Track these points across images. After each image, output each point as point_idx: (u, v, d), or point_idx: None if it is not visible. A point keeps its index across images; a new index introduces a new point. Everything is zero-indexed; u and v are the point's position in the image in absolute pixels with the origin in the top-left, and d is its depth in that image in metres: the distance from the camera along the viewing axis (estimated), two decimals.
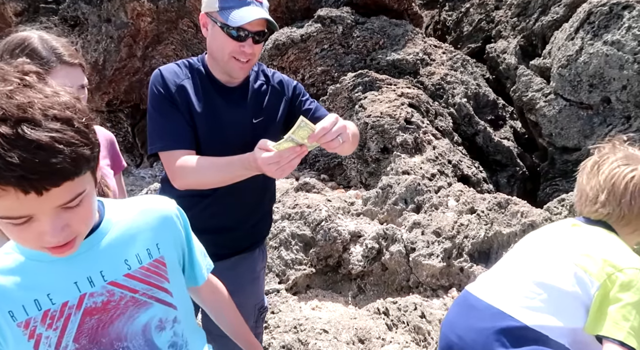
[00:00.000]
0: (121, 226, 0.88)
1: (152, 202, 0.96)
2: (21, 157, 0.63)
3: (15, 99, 0.65)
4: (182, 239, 0.97)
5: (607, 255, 1.08)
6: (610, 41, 3.35)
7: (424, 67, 4.21)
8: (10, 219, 0.68)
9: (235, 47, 1.44)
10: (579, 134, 3.53)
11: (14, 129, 0.63)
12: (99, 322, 0.82)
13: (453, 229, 2.52)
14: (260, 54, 1.53)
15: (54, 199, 0.68)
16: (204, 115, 1.53)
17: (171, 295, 0.91)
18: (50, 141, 0.64)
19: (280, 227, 2.73)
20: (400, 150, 3.32)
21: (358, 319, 2.28)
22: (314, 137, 1.24)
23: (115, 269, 0.85)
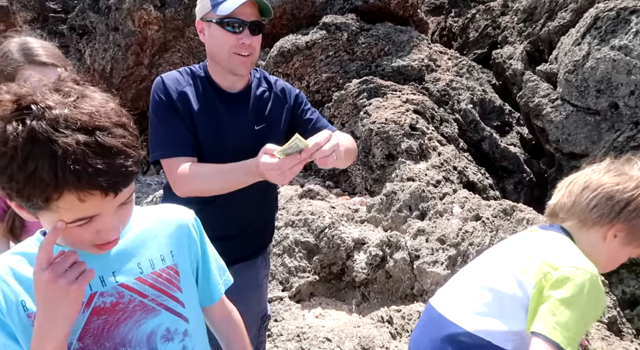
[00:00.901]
0: (138, 230, 0.90)
1: (169, 211, 0.98)
2: (105, 163, 0.69)
3: (83, 109, 0.70)
4: (197, 249, 0.97)
5: (547, 256, 1.07)
6: (618, 46, 3.31)
7: (429, 73, 4.19)
8: (82, 220, 0.73)
9: (234, 41, 1.44)
10: (587, 139, 3.49)
11: (92, 137, 0.68)
12: (105, 323, 0.83)
13: (458, 236, 2.49)
14: (260, 49, 1.53)
15: (121, 198, 0.75)
16: (205, 121, 1.53)
17: (183, 306, 0.90)
18: (122, 146, 0.71)
19: (284, 234, 2.72)
20: (405, 156, 3.30)
21: (362, 328, 2.26)
22: (307, 152, 1.25)
23: (127, 270, 0.86)
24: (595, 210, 1.11)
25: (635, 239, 1.11)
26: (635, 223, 1.10)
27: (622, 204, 1.09)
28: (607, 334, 1.95)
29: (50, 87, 0.72)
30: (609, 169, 1.15)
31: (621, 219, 1.10)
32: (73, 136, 0.67)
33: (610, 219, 1.10)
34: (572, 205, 1.15)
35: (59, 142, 0.66)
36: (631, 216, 1.09)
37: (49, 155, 0.66)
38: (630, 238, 1.11)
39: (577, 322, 0.97)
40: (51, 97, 0.70)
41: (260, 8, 1.49)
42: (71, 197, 0.69)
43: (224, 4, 1.42)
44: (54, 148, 0.66)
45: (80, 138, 0.67)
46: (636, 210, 1.09)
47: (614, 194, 1.10)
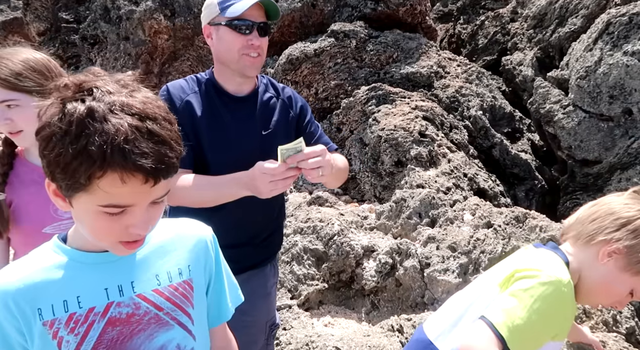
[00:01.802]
0: (158, 241, 0.90)
1: (189, 226, 0.98)
2: (152, 149, 0.71)
3: (137, 99, 0.74)
4: (212, 266, 0.97)
5: (520, 265, 1.02)
6: (631, 51, 3.27)
7: (438, 80, 4.17)
8: (115, 207, 0.74)
9: (243, 42, 1.46)
10: (600, 146, 3.43)
11: (143, 123, 0.71)
12: (120, 335, 0.82)
13: (469, 243, 2.45)
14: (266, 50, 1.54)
15: (156, 192, 0.76)
16: (211, 127, 1.53)
17: (192, 322, 0.90)
18: (168, 137, 0.74)
19: (293, 242, 2.70)
20: (415, 163, 3.27)
21: (371, 337, 2.22)
22: (293, 159, 1.27)
23: (145, 281, 0.85)
24: (593, 223, 1.05)
25: (632, 264, 1.01)
26: (632, 245, 1.01)
27: (622, 221, 1.02)
28: (625, 345, 1.89)
29: (111, 78, 0.77)
30: (628, 194, 1.10)
31: (618, 237, 1.01)
32: (126, 119, 0.70)
33: (606, 234, 1.02)
34: (575, 219, 1.11)
35: (112, 122, 0.69)
36: (630, 236, 1.01)
37: (102, 132, 0.69)
38: (626, 262, 1.01)
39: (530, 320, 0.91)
40: (111, 85, 0.75)
41: (267, 10, 1.50)
42: (114, 176, 0.70)
43: (233, 6, 1.43)
44: (108, 126, 0.69)
45: (133, 122, 0.70)
46: (636, 232, 1.01)
47: (616, 210, 1.04)
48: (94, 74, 0.77)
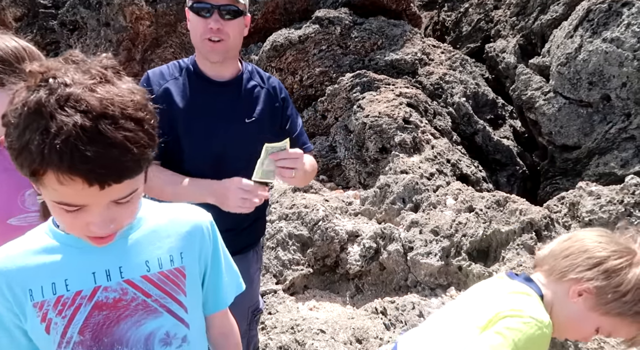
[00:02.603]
0: (150, 226, 0.88)
1: (186, 211, 0.95)
2: (96, 153, 0.65)
3: (97, 93, 0.68)
4: (208, 253, 0.94)
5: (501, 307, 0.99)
6: (610, 38, 3.33)
7: (423, 67, 4.19)
8: (67, 206, 0.71)
9: (203, 26, 1.44)
10: (579, 132, 3.50)
11: (94, 123, 0.66)
12: (106, 319, 0.82)
13: (451, 227, 2.50)
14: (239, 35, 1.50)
15: (112, 193, 0.71)
16: (190, 113, 1.51)
17: (186, 310, 0.88)
18: (123, 140, 0.67)
19: (278, 228, 2.71)
20: (399, 149, 3.30)
21: (356, 319, 2.26)
22: (276, 155, 1.36)
23: (134, 267, 0.84)
24: (566, 259, 1.03)
25: (600, 305, 1.00)
26: (602, 286, 0.99)
27: (594, 261, 1.00)
28: None
29: (79, 67, 0.72)
30: (602, 231, 1.08)
31: (589, 277, 1.00)
32: (74, 117, 0.65)
33: (578, 272, 1.01)
34: (549, 252, 1.09)
35: (57, 119, 0.65)
36: (600, 277, 0.99)
37: (44, 129, 0.65)
38: (595, 302, 1.00)
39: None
40: (73, 75, 0.70)
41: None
42: (52, 177, 0.67)
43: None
44: (50, 124, 0.65)
45: (80, 120, 0.65)
46: (607, 273, 0.99)
47: (589, 248, 1.02)
48: (65, 60, 0.73)
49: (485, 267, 2.37)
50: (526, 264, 2.23)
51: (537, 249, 2.34)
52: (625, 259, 1.00)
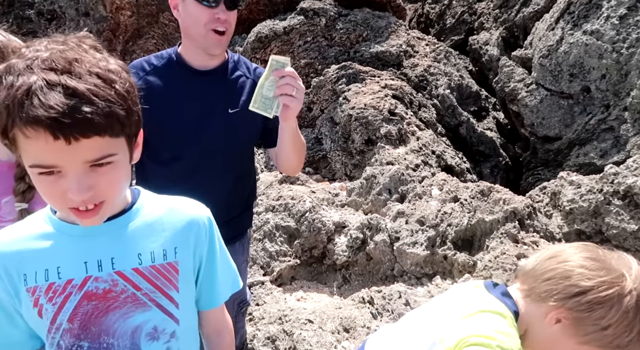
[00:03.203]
0: (146, 218, 0.87)
1: (184, 205, 0.94)
2: (56, 100, 0.65)
3: (66, 55, 0.69)
4: (204, 249, 0.93)
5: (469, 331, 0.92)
6: (590, 31, 3.39)
7: (408, 59, 4.21)
8: (40, 167, 0.70)
9: (210, 16, 1.41)
10: (560, 123, 3.57)
11: (58, 77, 0.66)
12: (95, 310, 0.81)
13: (437, 217, 2.53)
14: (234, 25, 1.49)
15: (82, 152, 0.69)
16: (170, 103, 1.49)
17: (177, 306, 0.87)
18: (87, 92, 0.67)
19: (264, 219, 2.71)
20: (385, 141, 3.32)
21: (343, 309, 2.28)
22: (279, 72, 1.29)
23: (126, 259, 0.83)
24: (546, 284, 0.96)
25: (578, 335, 0.93)
26: (582, 317, 0.92)
27: (576, 290, 0.92)
28: None
29: (58, 39, 0.74)
30: (588, 248, 0.99)
31: (569, 306, 0.92)
32: (40, 74, 0.66)
33: (556, 299, 0.94)
34: (531, 269, 1.01)
35: (24, 77, 0.67)
36: (581, 308, 0.91)
37: (10, 86, 0.67)
38: (573, 332, 0.94)
39: None
40: (49, 45, 0.71)
41: None
42: (19, 133, 0.67)
43: None
44: (16, 79, 0.66)
45: (46, 76, 0.66)
46: (588, 304, 0.91)
47: (572, 275, 0.93)
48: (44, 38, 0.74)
49: (470, 255, 2.41)
50: (509, 252, 2.28)
51: (520, 237, 2.40)
52: (612, 290, 0.91)
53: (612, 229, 2.41)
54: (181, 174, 1.54)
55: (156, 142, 1.53)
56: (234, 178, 1.63)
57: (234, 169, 1.62)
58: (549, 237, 2.47)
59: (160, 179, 1.55)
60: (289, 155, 1.55)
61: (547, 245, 2.34)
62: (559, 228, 2.58)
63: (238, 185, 1.67)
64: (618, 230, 2.38)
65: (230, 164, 1.59)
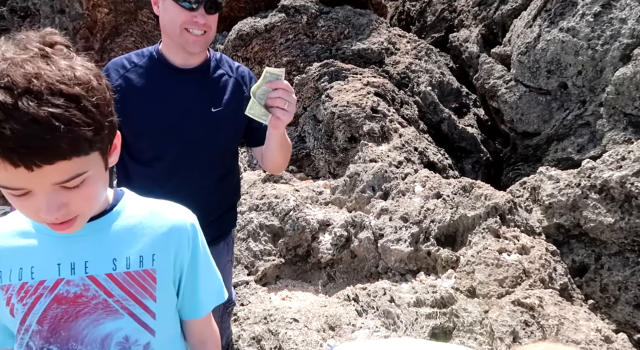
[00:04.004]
0: (126, 222, 0.84)
1: (167, 210, 0.89)
2: (14, 130, 0.60)
3: (24, 69, 0.63)
4: (185, 257, 0.88)
5: None
6: (566, 28, 3.45)
7: (389, 57, 4.23)
8: (9, 189, 0.68)
9: (187, 17, 1.40)
10: (539, 119, 3.63)
11: (15, 99, 0.61)
12: (64, 314, 0.79)
13: (420, 214, 2.55)
14: (215, 28, 1.48)
15: (48, 176, 0.65)
16: (151, 102, 1.47)
17: (153, 316, 0.84)
18: (48, 117, 0.61)
19: (248, 219, 2.69)
20: (368, 138, 3.33)
21: (328, 307, 2.28)
22: (273, 84, 1.27)
23: (100, 263, 0.80)
24: None
25: None
26: None
27: None
28: (559, 300, 2.07)
29: (18, 41, 0.68)
30: None
31: None
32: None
33: None
34: None
35: None
36: None
37: None
38: None
39: None
40: (6, 52, 0.66)
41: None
42: None
43: None
44: None
45: (2, 98, 0.61)
46: None
47: None
48: (7, 39, 0.69)
49: (453, 251, 2.44)
50: (491, 247, 2.31)
51: (502, 232, 2.43)
52: None
53: (589, 222, 2.46)
54: (163, 173, 1.52)
55: (137, 142, 1.51)
56: (217, 177, 1.62)
57: (217, 168, 1.61)
58: (530, 231, 2.51)
59: (142, 179, 1.53)
60: (275, 157, 1.55)
61: (527, 239, 2.39)
62: (539, 222, 2.64)
63: (221, 184, 1.65)
64: (595, 223, 2.44)
65: (213, 163, 1.58)
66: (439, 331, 1.98)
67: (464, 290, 2.19)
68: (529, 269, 2.20)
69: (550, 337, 1.29)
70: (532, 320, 1.89)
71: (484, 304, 2.06)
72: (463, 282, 2.22)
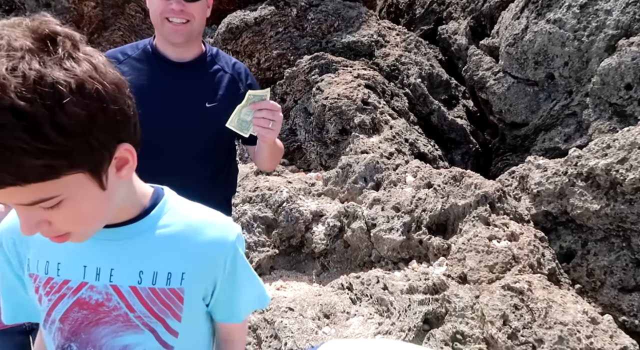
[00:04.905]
0: (159, 231, 0.77)
1: (207, 223, 0.81)
2: None
3: None
4: (221, 273, 0.81)
5: None
6: (553, 19, 3.50)
7: (379, 49, 4.25)
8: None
9: (164, 6, 1.40)
10: (527, 109, 3.69)
11: None
12: (84, 319, 0.76)
13: (411, 203, 2.59)
14: (203, 17, 1.47)
15: (7, 196, 0.57)
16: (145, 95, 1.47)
17: (175, 335, 0.79)
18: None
19: (242, 211, 2.71)
20: (359, 130, 3.36)
21: (323, 296, 2.31)
22: (257, 105, 1.30)
23: (125, 274, 0.76)
24: None
25: None
26: None
27: None
28: (547, 284, 2.12)
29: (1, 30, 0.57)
30: None
31: None
32: None
33: None
34: None
35: None
36: None
37: None
38: None
39: None
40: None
41: None
42: None
43: None
44: None
45: None
46: None
47: None
48: None
49: (444, 239, 2.48)
50: (482, 235, 2.36)
51: (492, 220, 2.48)
52: None
53: (576, 209, 2.52)
54: (157, 168, 1.53)
55: None
56: (211, 171, 1.63)
57: (211, 162, 1.62)
58: (518, 218, 2.57)
59: (137, 172, 1.53)
60: (267, 160, 1.58)
61: (516, 226, 2.44)
62: (528, 210, 2.69)
63: (216, 178, 1.67)
64: (582, 210, 2.50)
65: (207, 158, 1.59)
66: (431, 317, 2.02)
67: (455, 276, 2.24)
68: (518, 255, 2.25)
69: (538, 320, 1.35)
70: (521, 303, 1.94)
71: (475, 290, 2.11)
72: (454, 269, 2.27)
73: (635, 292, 2.34)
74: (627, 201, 2.35)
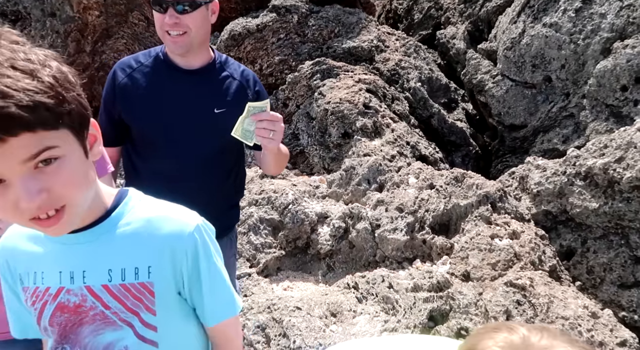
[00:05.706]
0: (123, 230, 0.80)
1: (167, 216, 0.83)
2: None
3: None
4: (185, 268, 0.83)
5: None
6: (549, 23, 3.58)
7: (379, 54, 4.32)
8: None
9: (161, 20, 1.47)
10: (525, 111, 3.76)
11: None
12: (68, 322, 0.81)
13: (414, 204, 2.65)
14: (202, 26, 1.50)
15: (15, 152, 0.62)
16: (154, 101, 1.53)
17: (154, 330, 0.81)
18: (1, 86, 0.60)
19: (248, 213, 2.77)
20: (361, 134, 3.42)
21: (329, 295, 2.36)
22: (257, 116, 1.36)
23: (96, 274, 0.79)
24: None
25: None
26: None
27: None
28: (549, 280, 2.18)
29: None
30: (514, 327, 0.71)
31: None
32: None
33: None
34: None
35: None
36: None
37: None
38: None
39: None
40: None
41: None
42: None
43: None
44: None
45: None
46: None
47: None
48: None
49: (447, 238, 2.54)
50: (484, 233, 2.42)
51: (493, 219, 2.54)
52: None
53: (575, 208, 2.58)
54: (167, 172, 1.58)
55: (141, 139, 1.57)
56: (220, 176, 1.68)
57: (220, 167, 1.67)
58: (519, 218, 2.63)
59: (150, 176, 1.59)
60: (272, 166, 1.64)
61: (517, 224, 2.50)
62: (528, 209, 2.75)
63: (225, 183, 1.71)
64: (581, 209, 2.56)
65: (216, 163, 1.64)
66: (436, 314, 2.08)
67: (459, 274, 2.29)
68: (519, 253, 2.31)
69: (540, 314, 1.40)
70: (523, 299, 1.99)
71: (478, 287, 2.16)
72: (458, 267, 2.32)
73: (634, 288, 2.39)
74: (625, 199, 2.41)
